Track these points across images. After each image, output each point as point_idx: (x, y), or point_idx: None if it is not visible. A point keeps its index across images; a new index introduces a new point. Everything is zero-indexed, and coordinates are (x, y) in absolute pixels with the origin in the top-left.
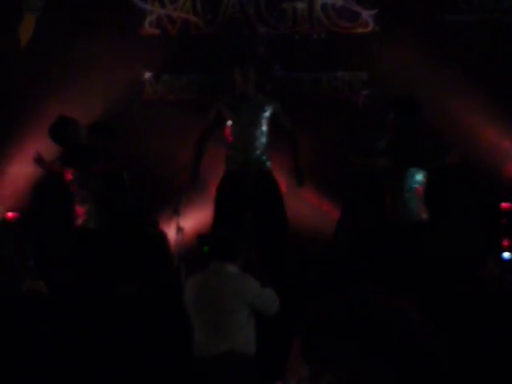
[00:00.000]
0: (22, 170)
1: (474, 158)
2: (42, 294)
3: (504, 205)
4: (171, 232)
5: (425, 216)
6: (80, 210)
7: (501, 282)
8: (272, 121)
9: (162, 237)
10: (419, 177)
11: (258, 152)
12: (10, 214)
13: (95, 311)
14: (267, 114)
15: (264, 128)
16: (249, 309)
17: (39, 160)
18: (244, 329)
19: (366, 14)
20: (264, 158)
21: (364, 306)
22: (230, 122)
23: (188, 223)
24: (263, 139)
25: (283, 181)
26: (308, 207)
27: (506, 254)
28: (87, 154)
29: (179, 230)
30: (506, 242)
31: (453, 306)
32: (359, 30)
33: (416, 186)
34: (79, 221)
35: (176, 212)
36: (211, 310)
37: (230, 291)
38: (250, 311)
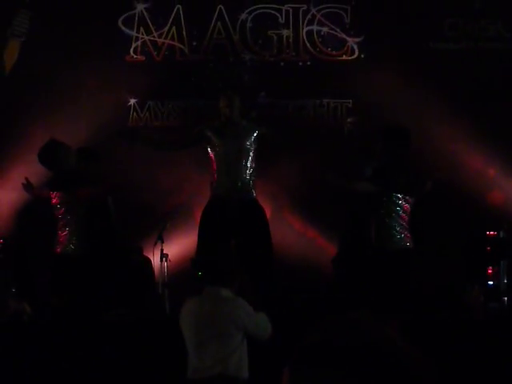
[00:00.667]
0: (6, 196)
1: (459, 186)
2: (26, 313)
3: (489, 232)
4: (155, 258)
5: (410, 243)
6: (62, 235)
7: (485, 310)
8: (259, 146)
9: (147, 263)
10: (404, 204)
11: (243, 178)
12: None
13: (79, 337)
14: (252, 139)
15: (249, 154)
16: (242, 333)
17: (28, 186)
18: (237, 352)
19: (352, 42)
20: (250, 184)
21: (351, 335)
22: (214, 147)
23: (172, 249)
24: (248, 165)
25: (268, 208)
26: (293, 234)
27: (491, 282)
28: (76, 178)
29: (163, 256)
30: (490, 270)
31: (438, 333)
32: (345, 58)
33: (401, 213)
34: (61, 246)
35: (160, 238)
36: (205, 334)
37: (223, 315)
38: (243, 335)
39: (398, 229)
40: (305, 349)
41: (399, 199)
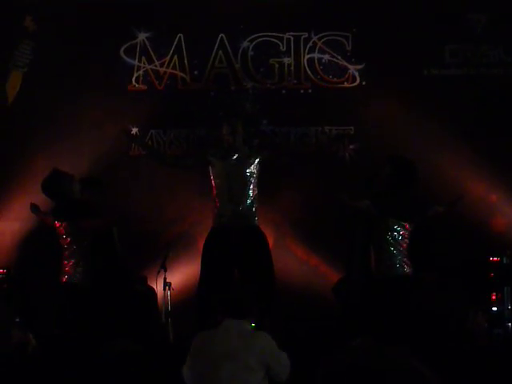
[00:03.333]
0: (9, 227)
1: (462, 212)
2: (31, 345)
3: (492, 258)
4: (159, 287)
5: (409, 270)
6: (67, 265)
7: (489, 336)
8: (261, 173)
9: (150, 292)
10: (402, 231)
11: (244, 205)
12: None
13: (83, 367)
14: (254, 166)
15: (251, 181)
16: (264, 370)
17: (35, 207)
18: None
19: (353, 69)
20: (252, 211)
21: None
22: (216, 174)
23: (175, 278)
24: (250, 192)
25: (271, 235)
26: (296, 261)
27: (495, 308)
28: (79, 209)
29: (167, 285)
30: (494, 296)
31: (441, 361)
32: (346, 85)
33: (399, 239)
34: (66, 276)
35: (163, 267)
36: (225, 369)
37: (247, 348)
38: (265, 373)
39: (397, 255)
40: (330, 372)
41: (398, 226)
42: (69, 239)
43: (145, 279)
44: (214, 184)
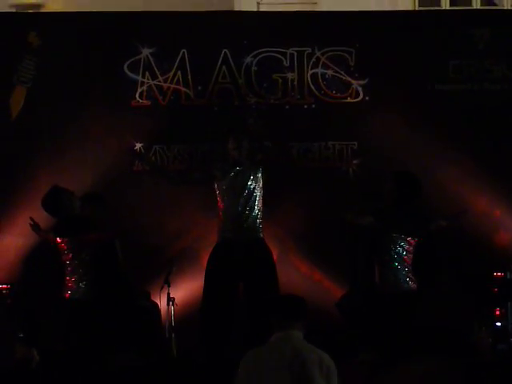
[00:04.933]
0: (13, 242)
1: (466, 227)
2: (35, 361)
3: (496, 273)
4: (162, 302)
5: (413, 285)
6: (70, 280)
7: (493, 351)
8: (265, 187)
9: (154, 308)
10: (406, 246)
11: (249, 218)
12: (0, 286)
13: (87, 382)
14: (257, 180)
15: (255, 195)
16: None
17: (35, 226)
18: None
19: (356, 84)
20: (256, 225)
21: None
22: (221, 189)
23: (179, 293)
24: (254, 206)
25: (274, 250)
26: (299, 276)
27: (499, 323)
28: (80, 224)
29: (170, 300)
30: (498, 311)
31: (445, 376)
32: (349, 100)
33: (403, 254)
34: (69, 291)
35: (167, 282)
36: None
37: (311, 361)
38: None
39: (401, 270)
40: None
41: (401, 240)
42: (70, 255)
43: (148, 294)
44: (218, 198)
